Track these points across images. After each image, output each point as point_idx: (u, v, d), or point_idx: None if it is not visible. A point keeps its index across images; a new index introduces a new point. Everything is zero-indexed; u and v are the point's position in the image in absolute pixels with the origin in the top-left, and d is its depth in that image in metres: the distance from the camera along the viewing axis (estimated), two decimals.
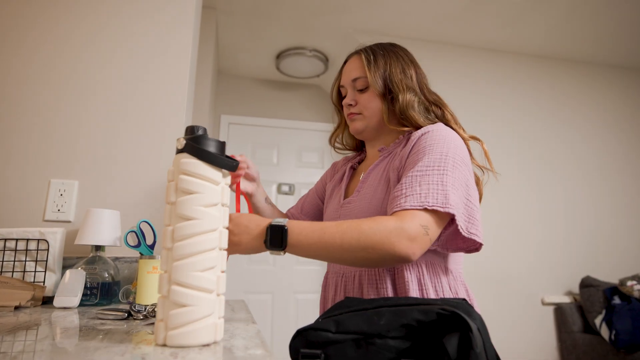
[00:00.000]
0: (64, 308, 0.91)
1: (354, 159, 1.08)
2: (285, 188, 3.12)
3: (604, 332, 2.18)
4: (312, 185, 3.45)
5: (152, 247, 1.04)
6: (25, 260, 1.02)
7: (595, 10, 2.42)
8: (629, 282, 2.26)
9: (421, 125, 0.88)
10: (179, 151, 0.56)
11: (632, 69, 3.09)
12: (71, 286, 0.93)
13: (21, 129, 1.20)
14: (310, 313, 2.85)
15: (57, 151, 1.20)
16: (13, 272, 1.01)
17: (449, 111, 0.93)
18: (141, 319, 0.74)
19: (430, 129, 0.84)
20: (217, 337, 0.53)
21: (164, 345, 0.50)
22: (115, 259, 1.14)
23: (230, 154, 0.61)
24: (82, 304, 0.96)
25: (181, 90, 1.31)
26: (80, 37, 1.28)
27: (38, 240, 1.03)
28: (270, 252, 0.70)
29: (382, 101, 0.91)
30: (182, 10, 1.37)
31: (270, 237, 0.69)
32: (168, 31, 1.34)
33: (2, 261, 1.01)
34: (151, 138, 1.26)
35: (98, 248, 1.05)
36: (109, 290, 1.02)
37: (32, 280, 1.01)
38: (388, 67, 0.92)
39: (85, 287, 0.97)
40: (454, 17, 2.50)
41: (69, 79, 1.25)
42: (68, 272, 0.95)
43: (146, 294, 0.92)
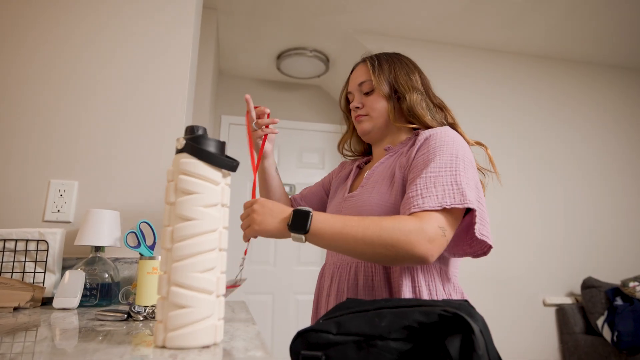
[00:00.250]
0: (64, 309, 0.91)
1: (361, 159, 1.12)
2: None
3: (606, 333, 2.17)
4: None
5: (152, 247, 1.03)
6: (25, 261, 1.02)
7: (595, 10, 2.42)
8: (631, 283, 2.25)
9: (428, 123, 0.92)
10: (178, 151, 0.55)
11: (632, 69, 3.08)
12: (71, 287, 0.92)
13: (21, 129, 1.20)
14: (310, 314, 2.85)
15: (56, 151, 1.20)
16: (12, 272, 1.00)
17: (452, 115, 0.97)
18: (141, 320, 0.74)
19: (437, 130, 0.86)
20: (216, 339, 0.52)
21: (163, 346, 0.50)
22: (115, 260, 1.14)
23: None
24: (81, 305, 0.96)
25: (181, 91, 1.31)
26: (80, 37, 1.28)
27: (37, 241, 1.03)
28: (292, 236, 0.73)
29: (388, 101, 0.95)
30: (182, 10, 1.36)
31: (294, 220, 0.72)
32: (168, 31, 1.34)
33: (2, 262, 1.01)
34: (151, 138, 1.26)
35: (98, 249, 1.05)
36: (109, 291, 1.01)
37: (32, 281, 1.00)
38: (393, 71, 0.96)
39: (85, 288, 0.97)
40: (454, 17, 2.50)
41: (69, 79, 1.25)
42: (68, 273, 0.94)
43: (146, 295, 0.91)
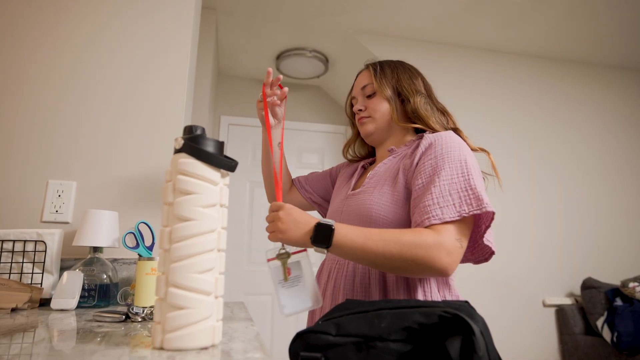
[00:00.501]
0: (62, 310, 0.90)
1: (366, 160, 1.13)
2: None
3: (606, 334, 2.17)
4: None
5: (150, 248, 1.03)
6: (23, 262, 1.01)
7: (595, 10, 2.42)
8: (631, 284, 2.25)
9: (432, 125, 0.93)
10: (176, 151, 0.55)
11: (632, 69, 3.08)
12: (69, 288, 0.92)
13: (19, 129, 1.19)
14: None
15: (55, 152, 1.20)
16: (10, 273, 1.00)
17: (453, 120, 0.98)
18: (139, 322, 0.74)
19: (442, 135, 0.86)
20: (215, 340, 0.52)
21: (161, 348, 0.50)
22: (113, 261, 1.13)
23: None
24: (79, 306, 0.95)
25: (180, 91, 1.30)
26: (79, 37, 1.28)
27: (35, 242, 1.02)
28: (315, 249, 0.75)
29: (390, 103, 0.97)
30: (181, 10, 1.36)
31: (317, 234, 0.74)
32: (168, 32, 1.33)
33: None
34: (150, 139, 1.25)
35: (96, 249, 1.04)
36: (107, 292, 1.01)
37: (30, 282, 1.00)
38: (396, 75, 0.99)
39: (83, 289, 0.96)
40: (454, 17, 2.50)
41: (68, 79, 1.24)
42: (66, 274, 0.94)
43: (145, 296, 0.91)
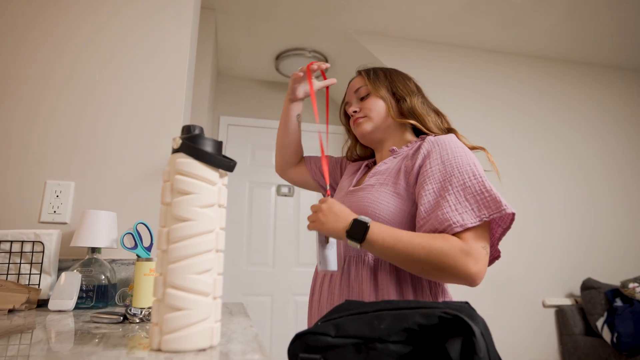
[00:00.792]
0: (59, 311, 0.90)
1: (370, 160, 1.13)
2: (285, 190, 3.11)
3: (606, 334, 2.16)
4: None
5: (149, 249, 1.02)
6: (20, 263, 1.01)
7: (595, 10, 2.41)
8: (631, 284, 2.24)
9: (428, 125, 0.94)
10: (174, 151, 0.54)
11: (632, 70, 3.08)
12: (66, 289, 0.91)
13: (17, 130, 1.19)
14: None
15: (53, 152, 1.19)
16: (7, 274, 0.99)
17: (447, 120, 1.00)
18: (137, 323, 0.73)
19: (445, 139, 0.86)
20: (213, 342, 0.51)
21: (159, 350, 0.49)
22: (111, 261, 1.13)
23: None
24: (77, 307, 0.95)
25: (179, 91, 1.30)
26: (79, 37, 1.27)
27: (33, 242, 1.02)
28: (348, 243, 0.79)
29: (385, 101, 0.97)
30: (181, 10, 1.36)
31: (353, 230, 0.78)
32: (167, 32, 1.33)
33: None
34: (149, 139, 1.25)
35: (94, 250, 1.04)
36: (105, 293, 1.00)
37: (27, 283, 0.99)
38: (389, 77, 1.01)
39: (81, 290, 0.96)
40: (453, 17, 2.50)
41: (67, 79, 1.24)
42: (63, 275, 0.93)
43: (143, 297, 0.90)
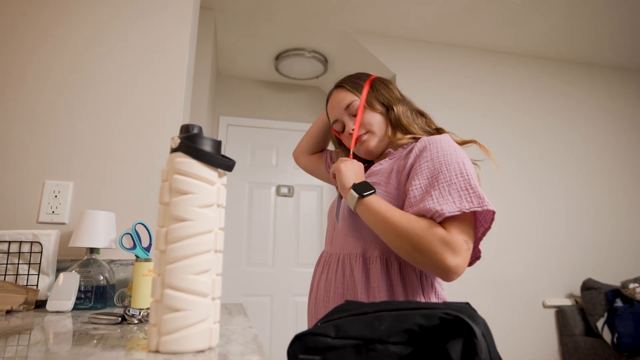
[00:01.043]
0: (57, 312, 0.89)
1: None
2: (285, 190, 3.10)
3: (606, 335, 2.16)
4: (311, 187, 3.39)
5: (148, 249, 1.02)
6: (18, 263, 1.00)
7: (595, 11, 2.41)
8: (631, 285, 2.24)
9: (414, 132, 0.94)
10: (173, 150, 0.54)
11: (632, 70, 3.08)
12: (65, 289, 0.91)
13: (16, 129, 1.18)
14: None
15: (52, 152, 1.19)
16: (5, 275, 0.99)
17: (431, 119, 1.00)
18: (135, 324, 0.73)
19: (435, 139, 0.86)
20: (212, 343, 0.51)
21: (157, 351, 0.49)
22: (110, 262, 1.12)
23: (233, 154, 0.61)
24: (75, 307, 0.94)
25: (178, 91, 1.29)
26: (78, 37, 1.27)
27: (31, 243, 1.01)
28: (349, 194, 0.84)
29: (382, 114, 0.96)
30: (180, 10, 1.35)
31: (359, 185, 0.85)
32: (166, 32, 1.33)
33: None
34: (148, 139, 1.24)
35: (93, 250, 1.03)
36: (104, 293, 1.00)
37: (25, 284, 0.99)
38: (374, 88, 0.97)
39: (79, 291, 0.95)
40: (453, 17, 2.49)
41: (66, 79, 1.24)
42: (62, 275, 0.93)
43: (142, 298, 0.90)
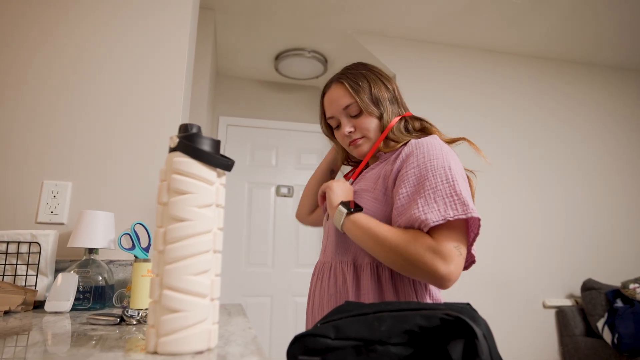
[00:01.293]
0: (56, 313, 0.89)
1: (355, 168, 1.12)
2: (284, 190, 3.10)
3: (607, 335, 2.16)
4: None
5: (147, 249, 1.01)
6: (17, 264, 1.00)
7: (596, 11, 2.41)
8: (632, 285, 2.24)
9: (397, 139, 0.93)
10: (171, 150, 0.54)
11: (633, 70, 3.08)
12: (63, 290, 0.90)
13: (15, 129, 1.18)
14: None
15: (50, 152, 1.18)
16: (4, 275, 0.98)
17: (426, 120, 0.97)
18: (134, 324, 0.72)
19: (423, 142, 0.85)
20: (210, 344, 0.50)
21: (155, 352, 0.48)
22: (109, 262, 1.12)
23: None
24: (74, 308, 0.94)
25: (178, 91, 1.29)
26: (77, 37, 1.27)
27: (30, 243, 1.01)
28: (337, 210, 0.85)
29: (379, 119, 0.94)
30: (179, 10, 1.35)
31: (348, 203, 0.85)
32: (166, 32, 1.32)
33: None
34: (147, 139, 1.24)
35: (91, 251, 1.03)
36: (103, 294, 0.99)
37: (24, 284, 0.98)
38: (372, 86, 0.95)
39: (78, 291, 0.95)
40: (453, 18, 2.49)
41: (65, 79, 1.23)
42: (60, 276, 0.93)
43: (141, 298, 0.90)
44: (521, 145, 2.72)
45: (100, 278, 1.00)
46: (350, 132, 0.95)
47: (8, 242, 1.00)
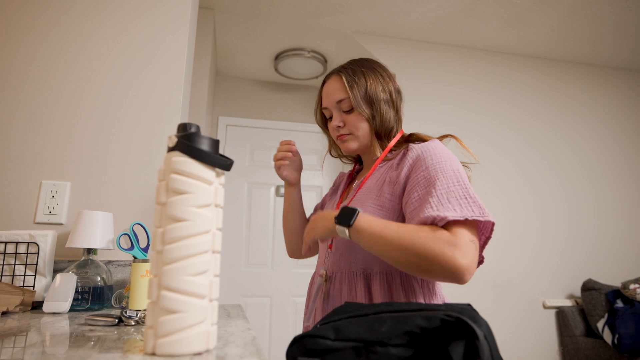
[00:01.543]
0: (54, 313, 0.88)
1: (352, 169, 1.10)
2: (283, 190, 3.09)
3: (607, 336, 2.15)
4: (311, 187, 3.38)
5: (145, 250, 1.01)
6: (15, 264, 0.99)
7: (596, 11, 2.41)
8: (632, 285, 2.23)
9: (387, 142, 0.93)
10: (170, 149, 0.53)
11: (634, 71, 3.08)
12: (61, 291, 0.90)
13: (13, 129, 1.17)
14: None
15: (49, 152, 1.18)
16: (2, 276, 0.98)
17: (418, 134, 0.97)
18: (132, 325, 0.72)
19: (429, 146, 0.85)
20: (209, 345, 0.50)
21: (153, 354, 0.48)
22: (108, 263, 1.12)
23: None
24: (72, 309, 0.93)
25: (177, 91, 1.29)
26: (76, 38, 1.26)
27: (28, 243, 1.00)
28: (337, 229, 0.78)
29: (369, 120, 0.93)
30: (178, 10, 1.35)
31: (341, 215, 0.78)
32: (165, 32, 1.32)
33: None
34: (146, 139, 1.24)
35: (90, 251, 1.02)
36: (101, 294, 0.99)
37: (22, 285, 0.98)
38: (369, 86, 0.93)
39: (76, 292, 0.94)
40: (453, 18, 2.49)
41: (64, 80, 1.23)
42: (59, 276, 0.92)
43: (140, 299, 0.89)
44: (521, 146, 2.71)
45: (99, 278, 0.99)
46: (339, 126, 0.95)
47: (6, 243, 1.00)
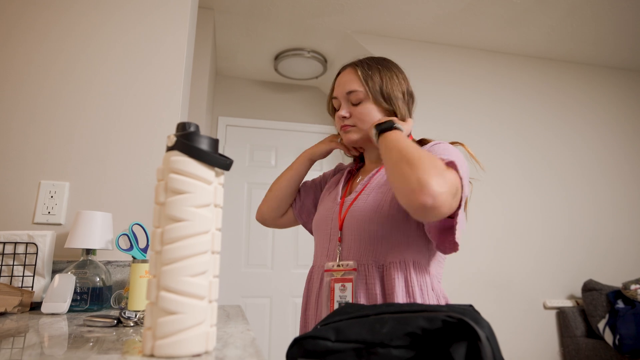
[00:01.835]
0: (53, 314, 0.88)
1: (352, 165, 1.10)
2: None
3: (608, 336, 2.15)
4: None
5: (145, 250, 1.01)
6: (13, 265, 0.99)
7: (596, 11, 2.40)
8: (633, 286, 2.23)
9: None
10: (169, 149, 0.53)
11: (634, 71, 3.08)
12: (60, 291, 0.89)
13: (12, 129, 1.17)
14: None
15: (48, 152, 1.17)
16: (0, 276, 0.97)
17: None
18: (131, 326, 0.71)
19: (440, 144, 0.86)
20: (208, 347, 0.49)
21: (152, 355, 0.47)
22: (107, 263, 1.11)
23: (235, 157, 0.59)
24: (71, 309, 0.93)
25: (176, 91, 1.28)
26: (75, 38, 1.26)
27: (26, 244, 1.00)
28: (374, 132, 0.85)
29: (381, 113, 0.94)
30: (178, 10, 1.34)
31: (382, 125, 0.84)
32: (164, 32, 1.32)
33: None
34: (145, 140, 1.23)
35: (89, 251, 1.02)
36: (100, 295, 0.98)
37: (20, 285, 0.97)
38: (384, 83, 0.94)
39: (75, 292, 0.94)
40: (453, 18, 2.49)
41: (63, 80, 1.23)
42: (57, 277, 0.92)
43: (139, 300, 0.89)
44: (522, 146, 2.71)
45: (98, 279, 0.99)
46: (345, 117, 0.95)
47: (5, 243, 0.99)
